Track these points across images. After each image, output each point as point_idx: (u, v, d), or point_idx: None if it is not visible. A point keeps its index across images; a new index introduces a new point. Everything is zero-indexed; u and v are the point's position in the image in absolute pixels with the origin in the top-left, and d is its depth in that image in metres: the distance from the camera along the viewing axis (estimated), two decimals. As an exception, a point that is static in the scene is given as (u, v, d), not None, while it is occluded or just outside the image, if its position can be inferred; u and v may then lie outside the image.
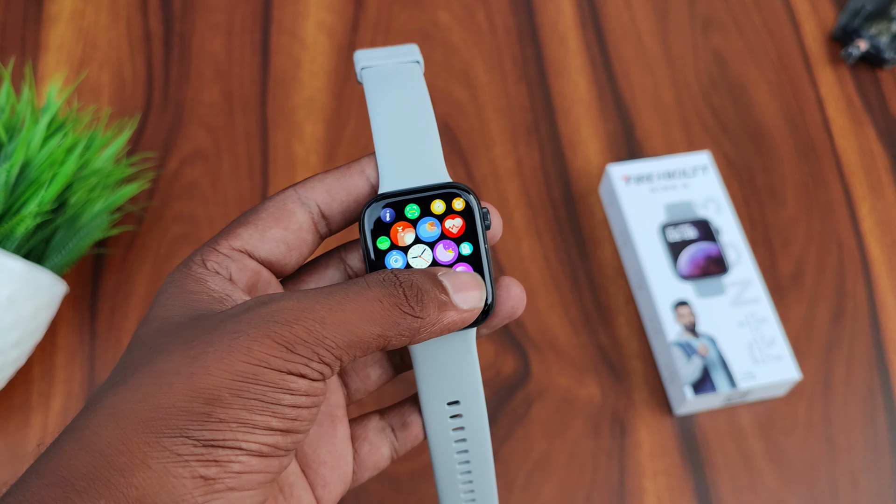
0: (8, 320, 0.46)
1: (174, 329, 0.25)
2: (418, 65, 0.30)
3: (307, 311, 0.24)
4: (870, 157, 0.63)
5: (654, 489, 0.51)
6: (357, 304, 0.25)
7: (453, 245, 0.28)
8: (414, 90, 0.29)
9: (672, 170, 0.58)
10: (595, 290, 0.57)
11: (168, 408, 0.23)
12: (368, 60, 0.30)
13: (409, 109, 0.28)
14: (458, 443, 0.31)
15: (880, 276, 0.58)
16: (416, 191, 0.28)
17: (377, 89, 0.29)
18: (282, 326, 0.24)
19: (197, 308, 0.26)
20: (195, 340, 0.24)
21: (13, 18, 0.66)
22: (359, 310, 0.24)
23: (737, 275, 0.54)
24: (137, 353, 0.25)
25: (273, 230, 0.28)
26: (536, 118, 0.63)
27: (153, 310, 0.27)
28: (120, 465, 0.22)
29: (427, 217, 0.28)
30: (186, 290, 0.26)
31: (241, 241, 0.27)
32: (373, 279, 0.26)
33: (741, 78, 0.66)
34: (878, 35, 0.65)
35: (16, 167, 0.47)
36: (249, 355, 0.23)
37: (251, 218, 0.28)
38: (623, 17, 0.68)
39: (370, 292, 0.25)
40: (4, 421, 0.51)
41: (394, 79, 0.29)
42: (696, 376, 0.51)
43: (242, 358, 0.23)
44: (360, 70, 0.30)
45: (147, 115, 0.62)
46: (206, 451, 0.23)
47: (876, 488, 0.51)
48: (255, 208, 0.28)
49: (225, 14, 0.67)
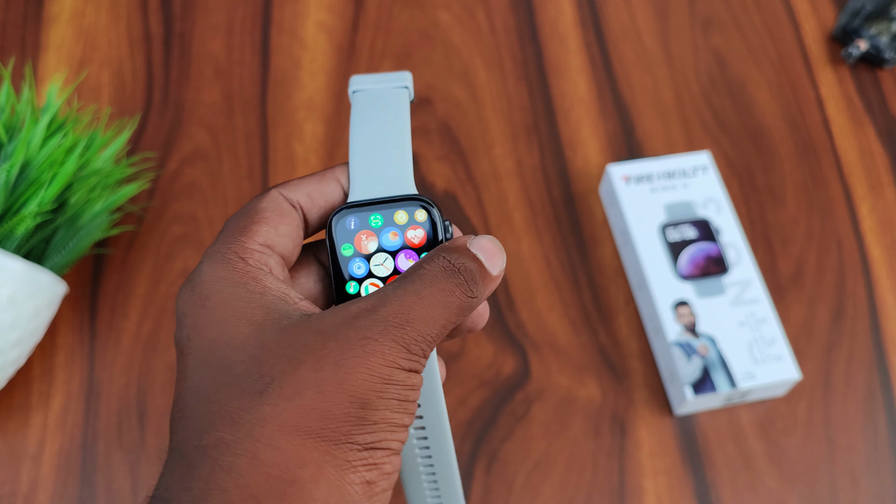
0: (8, 320, 0.46)
1: (282, 335, 0.25)
2: (406, 90, 0.31)
3: (412, 312, 0.25)
4: (870, 157, 0.63)
5: (654, 489, 0.51)
6: (438, 297, 0.26)
7: (414, 255, 0.29)
8: (395, 110, 0.30)
9: (672, 170, 0.58)
10: (595, 290, 0.57)
11: (333, 416, 0.23)
12: (360, 85, 0.31)
13: (385, 125, 0.30)
14: (421, 450, 0.32)
15: (880, 276, 0.58)
16: (380, 201, 0.29)
17: (360, 109, 0.30)
18: (399, 329, 0.25)
19: (275, 310, 0.26)
20: (324, 349, 0.24)
21: (13, 18, 0.66)
22: (442, 302, 0.26)
23: (737, 275, 0.54)
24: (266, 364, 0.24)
25: (282, 227, 0.28)
26: (536, 118, 0.63)
27: (212, 310, 0.26)
28: (303, 479, 0.22)
29: (390, 227, 0.29)
30: (250, 291, 0.26)
31: (263, 238, 0.28)
32: (437, 270, 0.26)
33: (741, 78, 0.66)
34: (878, 35, 0.65)
35: (16, 167, 0.47)
36: (384, 358, 0.24)
37: (259, 216, 0.28)
38: (623, 17, 0.68)
39: (443, 284, 0.26)
40: (4, 421, 0.51)
41: (378, 101, 0.30)
42: (696, 376, 0.51)
43: (380, 361, 0.24)
44: (352, 94, 0.31)
45: (147, 115, 0.62)
46: (368, 454, 0.24)
47: (876, 488, 0.51)
48: (253, 208, 0.28)
49: (225, 14, 0.67)
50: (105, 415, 0.52)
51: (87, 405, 0.52)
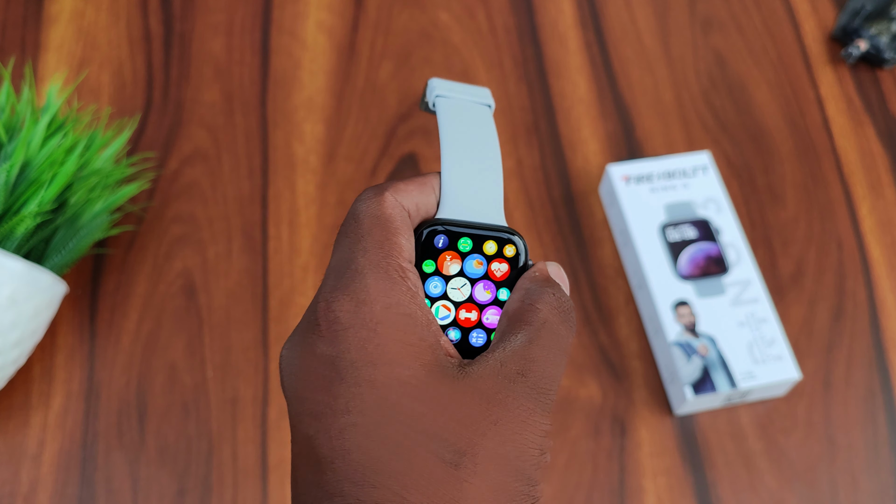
0: (8, 320, 0.46)
1: (453, 392, 0.23)
2: (489, 108, 0.31)
3: (548, 373, 0.24)
4: (870, 157, 0.63)
5: (654, 489, 0.51)
6: (558, 346, 0.25)
7: (493, 287, 0.28)
8: (487, 130, 0.30)
9: (672, 170, 0.58)
10: (595, 290, 0.57)
11: (514, 495, 0.22)
12: (444, 90, 0.31)
13: (479, 147, 0.29)
14: None
15: (880, 276, 0.58)
16: (474, 226, 0.28)
17: (452, 119, 0.30)
18: (545, 395, 0.24)
19: (436, 351, 0.24)
20: (496, 421, 0.23)
21: (13, 18, 0.66)
22: (562, 351, 0.25)
23: (737, 275, 0.54)
24: (435, 421, 0.22)
25: (408, 236, 0.26)
26: (536, 118, 0.63)
27: (379, 335, 0.23)
28: None
29: (477, 254, 0.28)
30: (418, 324, 0.24)
31: (408, 253, 0.26)
32: (553, 314, 0.25)
33: (741, 78, 0.66)
34: (877, 35, 0.65)
35: (16, 167, 0.47)
36: (538, 428, 0.23)
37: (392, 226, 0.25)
38: (623, 17, 0.68)
39: (559, 329, 0.25)
40: (5, 420, 0.51)
41: (468, 115, 0.30)
42: (696, 376, 0.51)
43: (536, 432, 0.23)
44: (435, 97, 0.30)
45: (147, 115, 0.62)
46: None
47: (876, 487, 0.51)
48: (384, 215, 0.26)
49: (225, 14, 0.67)
50: (105, 415, 0.52)
51: (87, 405, 0.52)
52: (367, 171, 0.61)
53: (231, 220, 0.58)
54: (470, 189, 0.29)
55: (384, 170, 0.61)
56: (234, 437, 0.51)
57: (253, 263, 0.57)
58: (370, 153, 0.61)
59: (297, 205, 0.59)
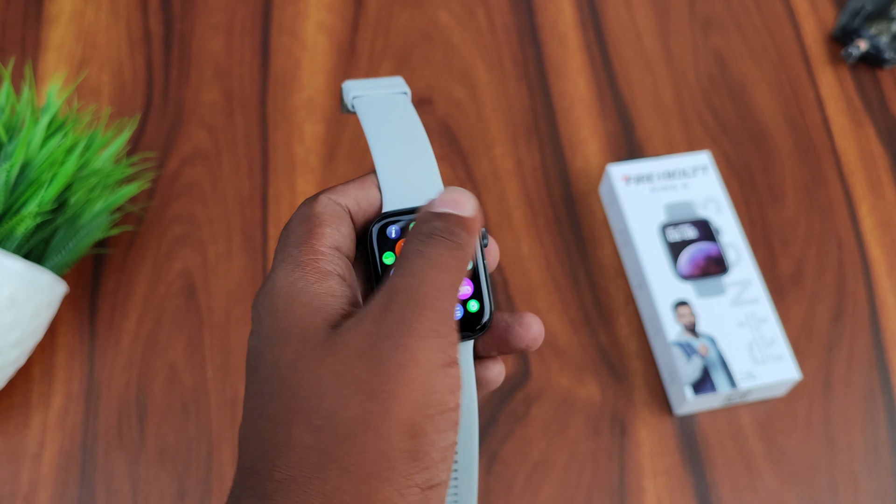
0: (8, 320, 0.46)
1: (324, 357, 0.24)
2: (406, 95, 0.31)
3: (420, 291, 0.24)
4: (870, 157, 0.63)
5: (654, 489, 0.51)
6: (438, 265, 0.25)
7: None
8: (408, 117, 0.31)
9: (672, 170, 0.58)
10: (595, 290, 0.57)
11: (390, 455, 0.22)
12: (358, 90, 0.31)
13: (405, 135, 0.30)
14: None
15: (880, 275, 0.58)
16: (416, 210, 0.29)
17: (373, 117, 0.31)
18: (419, 315, 0.23)
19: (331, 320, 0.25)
20: (364, 376, 0.23)
21: (13, 18, 0.66)
22: (439, 268, 0.25)
23: (737, 275, 0.54)
24: (301, 386, 0.24)
25: (342, 228, 0.28)
26: (536, 118, 0.63)
27: (278, 319, 0.25)
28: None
29: None
30: (318, 299, 0.25)
31: (330, 240, 0.27)
32: (417, 245, 0.26)
33: (741, 78, 0.66)
34: (877, 35, 0.65)
35: (16, 167, 0.47)
36: (418, 366, 0.23)
37: (318, 220, 0.27)
38: (623, 16, 0.68)
39: (429, 252, 0.25)
40: (4, 420, 0.51)
41: (387, 108, 0.31)
42: (696, 376, 0.51)
43: (415, 372, 0.23)
44: (352, 99, 0.31)
45: (147, 114, 0.62)
46: (424, 496, 0.23)
47: (876, 488, 0.51)
48: (312, 212, 0.27)
49: (225, 14, 0.67)
50: (105, 415, 0.52)
51: (87, 405, 0.52)
52: (366, 170, 0.61)
53: (231, 220, 0.58)
54: (405, 176, 0.29)
55: (384, 170, 0.60)
56: (234, 438, 0.51)
57: (253, 263, 0.57)
58: (370, 153, 0.61)
59: (297, 205, 0.59)
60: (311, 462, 0.22)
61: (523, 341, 0.30)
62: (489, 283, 0.29)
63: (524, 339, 0.30)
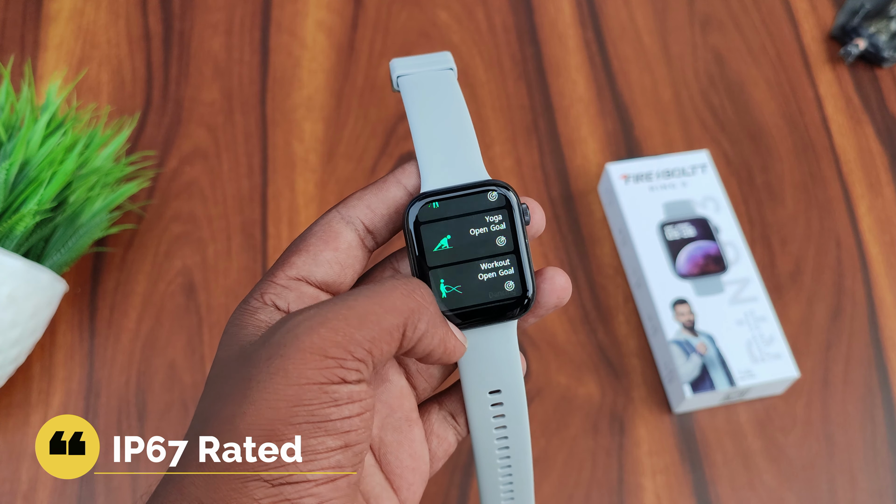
0: (7, 318, 0.46)
1: (227, 370, 0.26)
2: (452, 71, 0.31)
3: (329, 312, 0.24)
4: (868, 156, 0.63)
5: (653, 487, 0.51)
6: (377, 297, 0.25)
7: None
8: (450, 95, 0.30)
9: (671, 168, 0.58)
10: (594, 288, 0.57)
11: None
12: (404, 69, 0.31)
13: (445, 113, 0.30)
14: (498, 429, 0.32)
15: (879, 274, 0.58)
16: (456, 188, 0.29)
17: (415, 96, 0.30)
18: (309, 334, 0.24)
19: (245, 343, 0.26)
20: (240, 378, 0.24)
21: (12, 17, 0.66)
22: (380, 302, 0.25)
23: (735, 273, 0.54)
24: (206, 402, 0.26)
25: (324, 253, 0.28)
26: (535, 117, 0.63)
27: (216, 353, 0.27)
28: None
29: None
30: (240, 326, 0.27)
31: (295, 270, 0.28)
32: (386, 277, 0.27)
33: (740, 77, 0.66)
34: (876, 34, 0.65)
35: (15, 165, 0.47)
36: (287, 377, 0.23)
37: (301, 245, 0.28)
38: (622, 15, 0.68)
39: (386, 284, 0.26)
40: (4, 418, 0.51)
41: (430, 85, 0.30)
42: (695, 374, 0.51)
43: (281, 382, 0.23)
44: (397, 78, 0.31)
45: (146, 113, 0.62)
46: (277, 490, 0.23)
47: (874, 486, 0.51)
48: (304, 235, 0.29)
49: (224, 13, 0.67)
50: (104, 413, 0.52)
51: (87, 403, 0.52)
52: (366, 169, 0.61)
53: (231, 218, 0.58)
54: (445, 156, 0.29)
55: (384, 168, 0.61)
56: (233, 436, 0.51)
57: (252, 262, 0.57)
58: (370, 152, 0.61)
59: (296, 203, 0.59)
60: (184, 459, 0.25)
61: (551, 298, 0.30)
62: (530, 259, 0.29)
63: (551, 296, 0.30)
